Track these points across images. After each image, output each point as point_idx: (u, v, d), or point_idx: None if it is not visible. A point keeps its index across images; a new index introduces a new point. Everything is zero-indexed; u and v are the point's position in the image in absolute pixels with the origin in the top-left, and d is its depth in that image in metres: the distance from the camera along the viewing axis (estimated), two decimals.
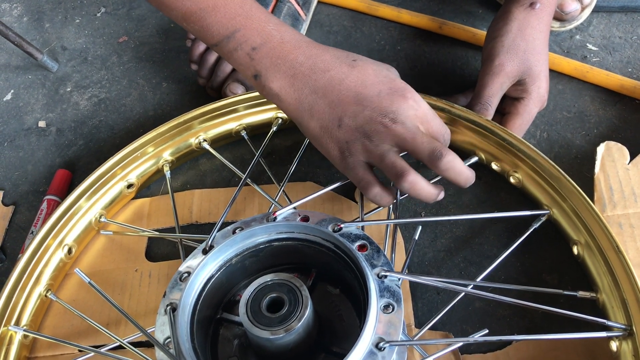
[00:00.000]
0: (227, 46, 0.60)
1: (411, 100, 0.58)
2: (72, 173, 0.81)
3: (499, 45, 0.69)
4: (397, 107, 0.57)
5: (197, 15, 0.60)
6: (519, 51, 0.68)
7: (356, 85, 0.58)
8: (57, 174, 0.80)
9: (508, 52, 0.68)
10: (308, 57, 0.59)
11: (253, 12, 0.59)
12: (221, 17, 0.59)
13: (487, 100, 0.69)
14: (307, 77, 0.58)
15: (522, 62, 0.68)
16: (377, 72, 0.60)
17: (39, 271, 0.68)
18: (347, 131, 0.58)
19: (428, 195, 0.58)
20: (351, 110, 0.57)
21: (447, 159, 0.56)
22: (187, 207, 0.75)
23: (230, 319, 0.60)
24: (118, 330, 0.66)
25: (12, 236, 0.77)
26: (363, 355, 0.49)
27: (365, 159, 0.59)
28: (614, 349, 0.56)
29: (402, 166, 0.57)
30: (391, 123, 0.56)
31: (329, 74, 0.58)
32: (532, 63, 0.68)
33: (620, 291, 0.57)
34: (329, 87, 0.58)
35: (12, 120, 0.90)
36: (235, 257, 0.60)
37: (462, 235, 0.69)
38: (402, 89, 0.58)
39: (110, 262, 0.72)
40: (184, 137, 0.77)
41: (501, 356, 0.60)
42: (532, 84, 0.68)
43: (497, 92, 0.69)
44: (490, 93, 0.69)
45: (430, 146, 0.57)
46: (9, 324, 0.63)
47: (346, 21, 0.94)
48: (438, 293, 0.65)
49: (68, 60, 0.96)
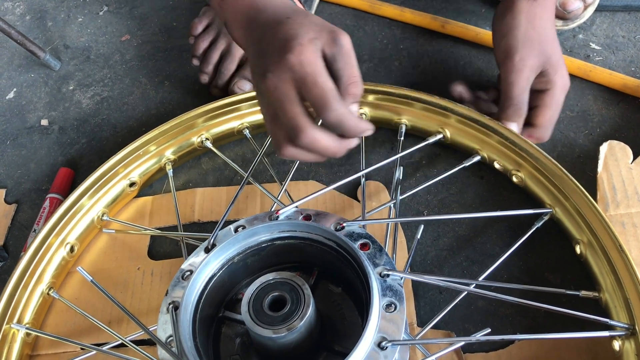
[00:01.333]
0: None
1: (290, 60, 0.50)
2: (74, 171, 0.81)
3: (513, 41, 0.69)
4: (275, 63, 0.51)
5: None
6: (534, 43, 0.68)
7: (267, 43, 0.54)
8: (60, 172, 0.80)
9: (524, 46, 0.68)
10: (258, 10, 0.56)
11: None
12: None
13: (519, 99, 0.68)
14: (255, 31, 0.56)
15: (541, 53, 0.68)
16: (283, 30, 0.53)
17: (42, 269, 0.68)
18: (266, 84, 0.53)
19: (334, 150, 0.54)
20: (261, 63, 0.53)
21: (304, 137, 0.51)
22: (189, 205, 0.75)
23: (233, 317, 0.60)
24: (120, 329, 0.66)
25: (14, 234, 0.77)
26: (365, 354, 0.49)
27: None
28: (617, 349, 0.56)
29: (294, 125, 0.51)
30: (271, 77, 0.51)
31: (272, 29, 0.54)
32: (549, 52, 0.68)
33: (623, 290, 0.57)
34: (264, 38, 0.55)
35: (14, 118, 0.90)
36: (237, 256, 0.60)
37: (465, 234, 0.69)
38: (293, 46, 0.51)
39: (112, 260, 0.72)
40: (186, 135, 0.77)
41: (503, 355, 0.60)
42: (555, 74, 0.68)
43: (526, 88, 0.68)
44: (519, 90, 0.68)
45: (293, 122, 0.51)
46: (11, 322, 0.63)
47: (349, 20, 0.94)
48: (440, 292, 0.65)
49: (70, 59, 0.96)
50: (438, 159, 0.75)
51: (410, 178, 0.74)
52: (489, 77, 0.84)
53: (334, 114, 0.50)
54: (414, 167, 0.75)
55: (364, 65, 0.88)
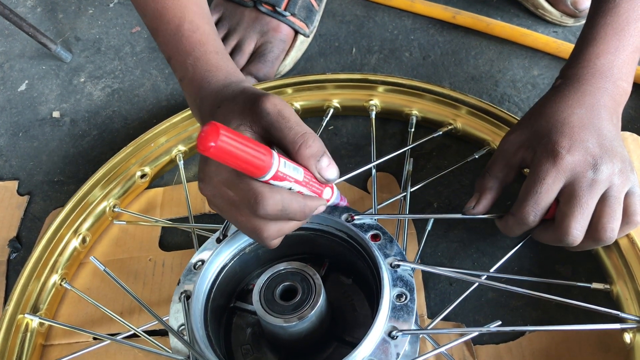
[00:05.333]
0: (171, 68, 0.62)
1: (213, 165, 0.48)
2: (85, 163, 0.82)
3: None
4: (204, 172, 0.49)
5: (151, 32, 0.63)
6: (527, 124, 0.59)
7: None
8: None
9: (517, 131, 0.60)
10: (202, 99, 0.56)
11: (181, 41, 0.59)
12: (161, 41, 0.62)
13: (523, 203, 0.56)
14: (199, 120, 0.58)
15: (527, 128, 0.59)
16: (230, 111, 0.51)
17: (54, 260, 0.68)
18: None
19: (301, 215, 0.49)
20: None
21: (268, 235, 0.49)
22: (200, 197, 0.75)
23: (244, 307, 0.60)
24: (131, 319, 0.66)
25: (27, 225, 0.78)
26: (376, 344, 0.49)
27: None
28: (628, 341, 0.56)
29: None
30: (203, 186, 0.50)
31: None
32: (537, 127, 0.58)
33: (634, 283, 0.57)
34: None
35: (26, 110, 0.91)
36: (248, 246, 0.60)
37: (476, 226, 0.69)
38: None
39: (123, 251, 0.72)
40: (196, 127, 0.77)
41: (514, 347, 0.60)
42: (538, 144, 0.57)
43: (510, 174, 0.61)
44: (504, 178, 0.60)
45: (248, 226, 0.49)
46: (25, 312, 0.64)
47: (359, 10, 0.94)
48: (451, 284, 0.65)
49: (81, 51, 0.97)
50: (449, 151, 0.75)
51: (421, 169, 0.74)
52: (501, 68, 0.83)
53: (263, 211, 0.45)
54: (425, 158, 0.75)
55: (374, 56, 0.88)
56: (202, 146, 0.39)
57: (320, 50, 0.90)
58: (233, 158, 0.41)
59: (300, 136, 0.47)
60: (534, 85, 0.81)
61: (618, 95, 0.59)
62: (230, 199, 0.47)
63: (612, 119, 0.57)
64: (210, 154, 0.40)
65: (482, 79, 0.82)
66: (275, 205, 0.46)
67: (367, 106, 0.77)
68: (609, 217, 0.53)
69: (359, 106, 0.78)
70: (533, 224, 0.56)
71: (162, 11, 0.60)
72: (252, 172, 0.44)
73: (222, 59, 0.59)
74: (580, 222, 0.53)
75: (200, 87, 0.57)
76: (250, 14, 0.85)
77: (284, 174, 0.45)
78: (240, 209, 0.47)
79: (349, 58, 0.88)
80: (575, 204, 0.53)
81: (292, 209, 0.47)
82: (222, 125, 0.40)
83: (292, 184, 0.46)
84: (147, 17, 0.62)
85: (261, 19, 0.85)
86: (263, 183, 0.45)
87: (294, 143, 0.47)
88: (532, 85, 0.81)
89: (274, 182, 0.45)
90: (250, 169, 0.43)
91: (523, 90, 0.81)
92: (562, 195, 0.54)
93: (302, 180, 0.47)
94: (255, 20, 0.85)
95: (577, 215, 0.53)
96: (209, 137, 0.39)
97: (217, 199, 0.49)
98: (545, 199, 0.55)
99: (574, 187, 0.53)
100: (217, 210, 0.50)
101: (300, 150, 0.47)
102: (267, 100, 0.48)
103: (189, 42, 0.59)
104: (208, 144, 0.39)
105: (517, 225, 0.57)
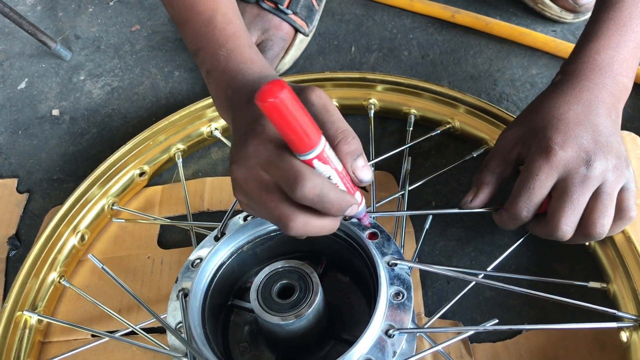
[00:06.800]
0: (197, 60, 0.61)
1: (252, 145, 0.47)
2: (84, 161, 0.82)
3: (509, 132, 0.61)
4: (240, 154, 0.48)
5: (178, 24, 0.62)
6: (524, 120, 0.60)
7: (236, 128, 0.52)
8: None
9: (514, 127, 0.61)
10: (234, 90, 0.55)
11: (214, 33, 0.59)
12: (190, 32, 0.60)
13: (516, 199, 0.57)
14: (232, 112, 0.54)
15: (524, 124, 0.60)
16: (249, 112, 0.50)
17: (53, 258, 0.68)
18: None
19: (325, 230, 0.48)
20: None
21: (294, 225, 0.46)
22: (198, 195, 0.75)
23: (241, 305, 0.61)
24: (130, 317, 0.66)
25: (26, 223, 0.78)
26: (373, 342, 0.49)
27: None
28: (624, 340, 0.56)
29: (280, 214, 0.46)
30: (237, 168, 0.48)
31: (241, 111, 0.52)
32: (533, 123, 0.58)
33: (631, 282, 0.57)
34: (236, 122, 0.53)
35: (26, 108, 0.91)
36: (246, 245, 0.60)
37: (473, 224, 0.69)
38: (255, 128, 0.47)
39: (122, 249, 0.72)
40: (195, 125, 0.77)
41: (511, 346, 0.60)
42: (533, 140, 0.57)
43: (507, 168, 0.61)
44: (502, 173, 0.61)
45: (276, 213, 0.46)
46: (23, 309, 0.64)
47: (358, 9, 0.94)
48: (448, 282, 0.65)
49: (81, 49, 0.97)
50: (447, 149, 0.75)
51: (420, 168, 0.74)
52: (500, 67, 0.83)
53: (300, 192, 0.43)
54: (423, 157, 0.75)
55: (373, 55, 0.88)
56: (262, 98, 0.38)
57: (319, 49, 0.90)
58: (286, 121, 0.40)
59: (341, 132, 0.46)
60: (533, 84, 0.81)
61: (618, 91, 0.59)
62: (264, 182, 0.46)
63: (610, 114, 0.57)
64: (266, 107, 0.38)
65: (481, 78, 0.82)
66: (314, 188, 0.44)
67: (366, 105, 0.77)
68: (599, 213, 0.53)
69: (358, 105, 0.78)
70: (526, 219, 0.57)
71: (194, 2, 0.60)
72: (299, 145, 0.42)
73: (256, 54, 0.59)
74: (570, 218, 0.53)
75: (234, 78, 0.55)
76: (252, 10, 0.85)
77: (328, 157, 0.44)
78: (272, 193, 0.46)
79: (348, 57, 0.89)
80: (566, 200, 0.53)
81: (329, 198, 0.45)
82: (287, 85, 0.39)
83: (332, 171, 0.45)
84: (176, 8, 0.61)
85: (263, 16, 0.85)
86: (305, 164, 0.44)
87: (334, 137, 0.46)
88: (530, 84, 0.81)
89: (317, 164, 0.44)
90: (299, 140, 0.42)
91: (522, 89, 0.81)
92: (555, 190, 0.55)
93: (341, 171, 0.46)
94: (257, 17, 0.85)
95: (568, 211, 0.53)
96: (272, 91, 0.38)
97: (249, 182, 0.47)
98: (537, 195, 0.55)
99: (566, 183, 0.54)
100: (244, 197, 0.49)
101: (339, 146, 0.46)
102: (313, 92, 0.48)
103: (222, 34, 0.58)
104: (268, 97, 0.38)
105: (510, 220, 0.58)
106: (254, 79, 0.54)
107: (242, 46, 0.58)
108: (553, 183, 0.55)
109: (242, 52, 0.57)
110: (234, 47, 0.58)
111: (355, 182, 0.48)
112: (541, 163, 0.54)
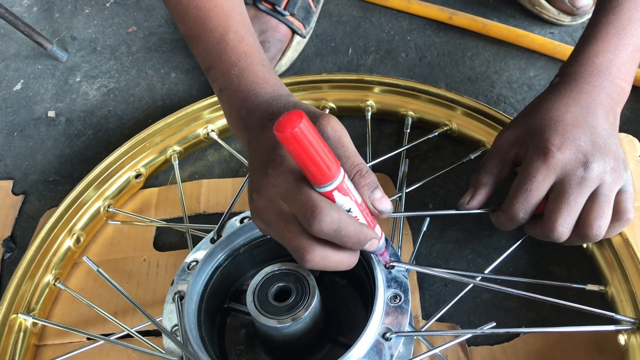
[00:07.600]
0: (208, 78, 0.60)
1: (272, 176, 0.46)
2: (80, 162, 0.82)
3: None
4: (260, 183, 0.47)
5: (189, 40, 0.61)
6: (522, 121, 0.60)
7: (253, 153, 0.51)
8: None
9: (511, 128, 0.60)
10: (248, 111, 0.54)
11: (226, 51, 0.58)
12: (201, 49, 0.59)
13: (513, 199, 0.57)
14: (247, 133, 0.54)
15: (521, 124, 0.60)
16: (265, 138, 0.50)
17: (48, 260, 0.68)
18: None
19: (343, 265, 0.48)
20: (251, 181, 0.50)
21: (312, 258, 0.45)
22: (195, 197, 0.75)
23: (238, 308, 0.60)
24: (125, 319, 0.66)
25: (21, 225, 0.77)
26: (370, 345, 0.49)
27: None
28: (622, 343, 0.56)
29: (298, 245, 0.46)
30: (257, 197, 0.47)
31: (257, 135, 0.52)
32: (531, 124, 0.58)
33: (629, 284, 0.57)
34: (252, 147, 0.52)
35: (22, 110, 0.90)
36: (242, 247, 0.60)
37: (471, 226, 0.68)
38: (273, 158, 0.47)
39: (118, 251, 0.72)
40: (192, 127, 0.77)
41: (508, 348, 0.60)
42: (530, 141, 0.57)
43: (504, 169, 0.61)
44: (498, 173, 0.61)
45: (293, 244, 0.46)
46: (18, 312, 0.64)
47: (355, 11, 0.94)
48: (446, 285, 0.65)
49: (77, 50, 0.96)
50: (444, 151, 0.75)
51: (417, 170, 0.74)
52: (497, 69, 0.83)
53: (317, 227, 0.43)
54: (421, 159, 0.75)
55: (370, 56, 0.88)
56: (280, 129, 0.38)
57: (316, 51, 0.90)
58: (305, 152, 0.39)
59: (355, 166, 0.47)
60: (530, 86, 0.81)
61: (616, 94, 0.58)
62: (283, 213, 0.45)
63: (608, 117, 0.57)
64: (285, 138, 0.38)
65: (478, 80, 0.82)
66: (332, 222, 0.43)
67: (363, 107, 0.77)
68: (596, 215, 0.53)
69: (355, 107, 0.77)
70: (523, 221, 0.57)
71: (206, 19, 0.59)
72: (318, 176, 0.42)
73: (269, 72, 0.58)
74: (566, 220, 0.53)
75: (246, 99, 0.55)
76: (249, 12, 0.85)
77: (348, 188, 0.44)
78: (290, 225, 0.45)
79: (345, 58, 0.88)
80: (562, 202, 0.53)
81: (348, 232, 0.44)
82: (305, 116, 0.39)
83: (352, 204, 0.45)
84: (187, 25, 0.60)
85: (260, 17, 0.85)
86: (324, 197, 0.43)
87: (349, 172, 0.46)
88: (528, 86, 0.81)
89: (338, 196, 0.43)
90: (318, 171, 0.41)
91: (519, 91, 0.81)
92: (552, 192, 0.54)
93: (360, 203, 0.46)
94: (254, 18, 0.85)
95: (564, 213, 0.53)
96: (291, 121, 0.38)
97: (269, 212, 0.46)
98: (534, 197, 0.55)
99: (564, 184, 0.53)
100: (262, 224, 0.49)
101: (355, 179, 0.46)
102: (328, 123, 0.47)
103: (234, 52, 0.58)
104: (287, 128, 0.38)
105: (507, 221, 0.58)
106: (267, 99, 0.54)
107: (255, 65, 0.57)
108: (550, 184, 0.54)
109: (255, 72, 0.57)
110: (246, 65, 0.57)
111: (375, 214, 0.48)
112: (538, 164, 0.54)
